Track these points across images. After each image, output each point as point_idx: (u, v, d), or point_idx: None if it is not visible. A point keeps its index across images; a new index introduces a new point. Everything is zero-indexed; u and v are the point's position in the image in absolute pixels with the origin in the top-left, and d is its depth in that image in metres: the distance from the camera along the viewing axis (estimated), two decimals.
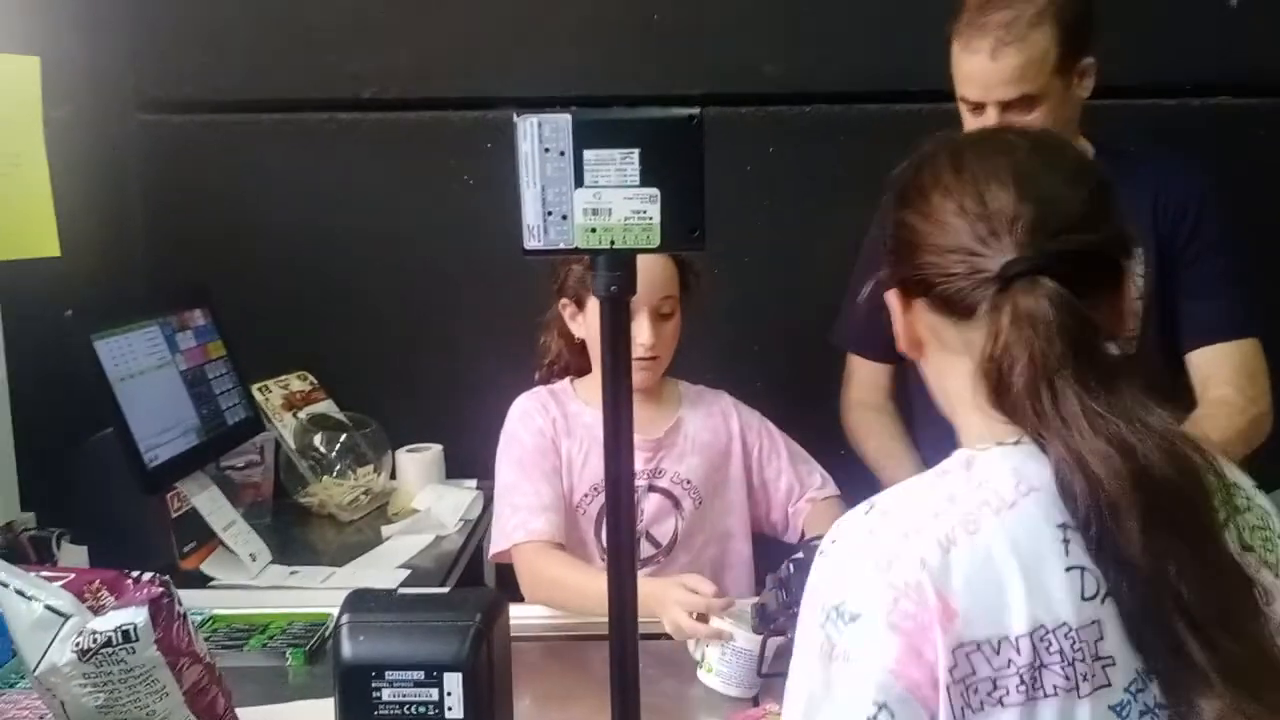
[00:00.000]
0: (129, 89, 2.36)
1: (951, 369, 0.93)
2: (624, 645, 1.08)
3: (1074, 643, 0.78)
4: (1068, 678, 0.78)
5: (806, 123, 2.30)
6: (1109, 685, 0.79)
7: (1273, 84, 2.20)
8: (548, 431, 1.85)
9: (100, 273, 2.10)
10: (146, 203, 2.38)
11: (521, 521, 1.75)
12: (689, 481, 1.86)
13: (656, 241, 1.02)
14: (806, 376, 2.15)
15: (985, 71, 1.62)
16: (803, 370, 2.19)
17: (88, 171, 2.14)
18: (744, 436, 1.92)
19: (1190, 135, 2.16)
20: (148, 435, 1.79)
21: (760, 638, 1.34)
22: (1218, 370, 1.67)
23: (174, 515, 1.87)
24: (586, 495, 1.84)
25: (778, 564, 1.35)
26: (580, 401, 1.88)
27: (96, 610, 1.17)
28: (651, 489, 1.85)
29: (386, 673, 1.08)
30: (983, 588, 0.79)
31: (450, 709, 1.07)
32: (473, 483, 2.34)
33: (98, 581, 1.20)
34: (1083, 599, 0.79)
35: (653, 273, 1.74)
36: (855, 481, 1.87)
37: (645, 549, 1.83)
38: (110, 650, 1.13)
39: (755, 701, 1.38)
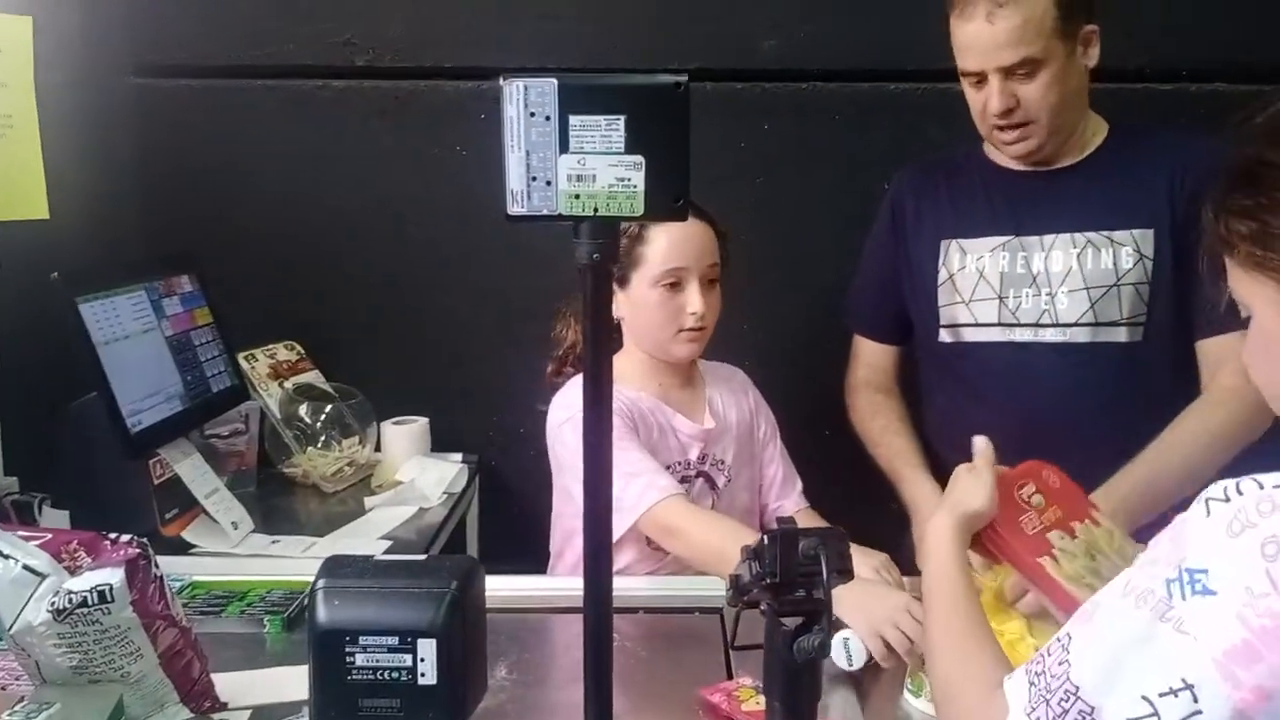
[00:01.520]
0: (122, 53, 2.35)
1: None
2: (599, 617, 1.08)
3: None
4: None
5: (802, 100, 2.28)
6: None
7: (1269, 70, 2.18)
8: (621, 411, 1.71)
9: (88, 237, 2.09)
10: (137, 167, 2.37)
11: (648, 483, 1.64)
12: (723, 462, 1.85)
13: (640, 210, 1.01)
14: (797, 354, 2.15)
15: (982, 36, 1.59)
16: (793, 347, 2.19)
17: (78, 135, 2.13)
18: (756, 417, 1.92)
19: (1186, 121, 2.15)
20: (131, 400, 1.78)
21: None
22: (1229, 359, 1.64)
23: (156, 482, 1.86)
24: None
25: None
26: (619, 385, 1.73)
27: (73, 571, 1.17)
28: (699, 474, 1.82)
29: (361, 637, 1.07)
30: None
31: (423, 675, 1.07)
32: (458, 456, 2.33)
33: (75, 542, 1.19)
34: None
35: (701, 239, 1.73)
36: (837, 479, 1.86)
37: None
38: (85, 610, 1.13)
39: (729, 674, 1.39)
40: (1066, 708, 0.79)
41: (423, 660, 1.07)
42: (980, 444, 1.29)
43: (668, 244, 1.72)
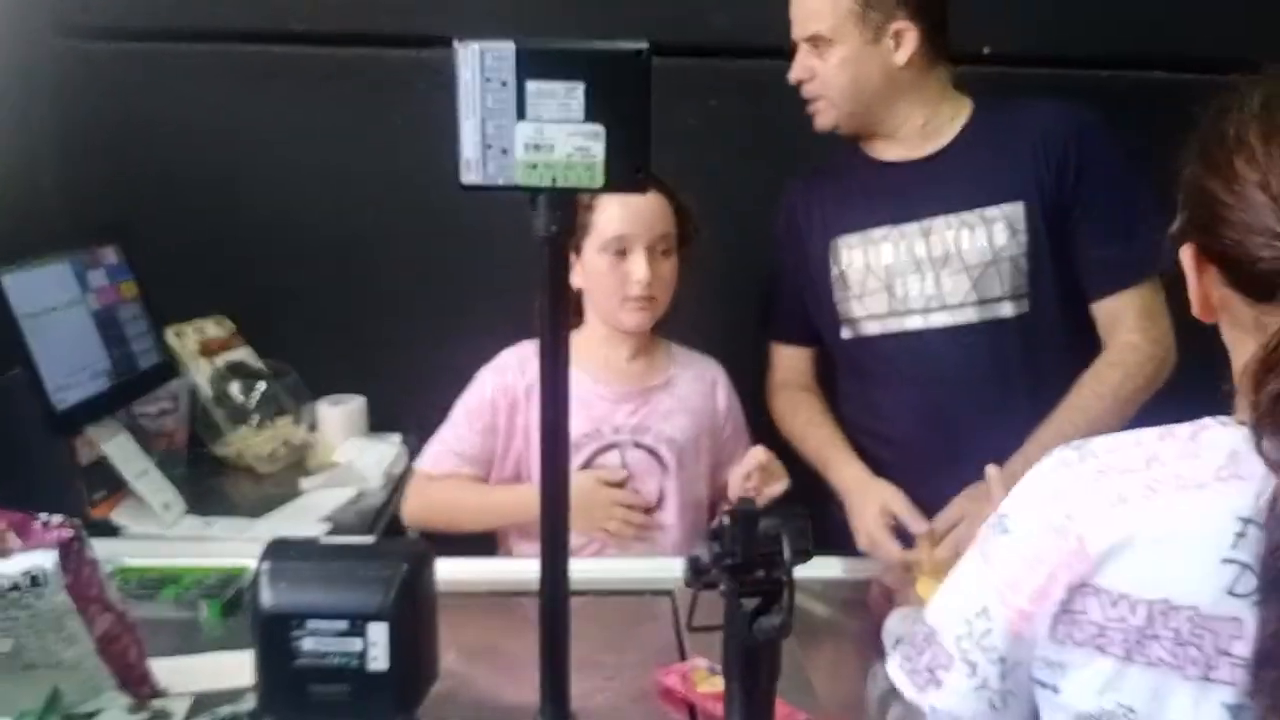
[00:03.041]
0: (45, 12, 2.24)
1: (1240, 344, 0.86)
2: (556, 597, 1.06)
3: (1195, 627, 0.79)
4: (1175, 656, 0.80)
5: (750, 76, 2.26)
6: (1231, 684, 0.79)
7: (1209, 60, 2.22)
8: (509, 394, 1.82)
9: (8, 205, 2.00)
10: (59, 133, 2.26)
11: (437, 454, 1.84)
12: (673, 440, 1.83)
13: (600, 181, 0.99)
14: (745, 334, 2.14)
15: (794, 9, 1.75)
16: (741, 328, 2.17)
17: None
18: (725, 412, 1.91)
19: (1123, 108, 2.17)
20: (56, 376, 1.71)
21: None
22: (1124, 316, 1.70)
23: (83, 462, 1.80)
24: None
25: None
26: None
27: (3, 553, 1.12)
28: (636, 445, 1.81)
29: (308, 622, 1.03)
30: (1127, 547, 0.81)
31: (374, 659, 1.04)
32: (397, 437, 2.28)
33: (4, 523, 1.15)
34: (1230, 594, 0.78)
35: (653, 209, 1.73)
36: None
37: None
38: (17, 594, 1.09)
39: (683, 655, 1.37)
40: (919, 637, 0.96)
41: (373, 645, 1.03)
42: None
43: (616, 211, 1.72)
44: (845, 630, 1.55)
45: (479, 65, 0.96)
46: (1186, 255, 0.89)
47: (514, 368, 1.84)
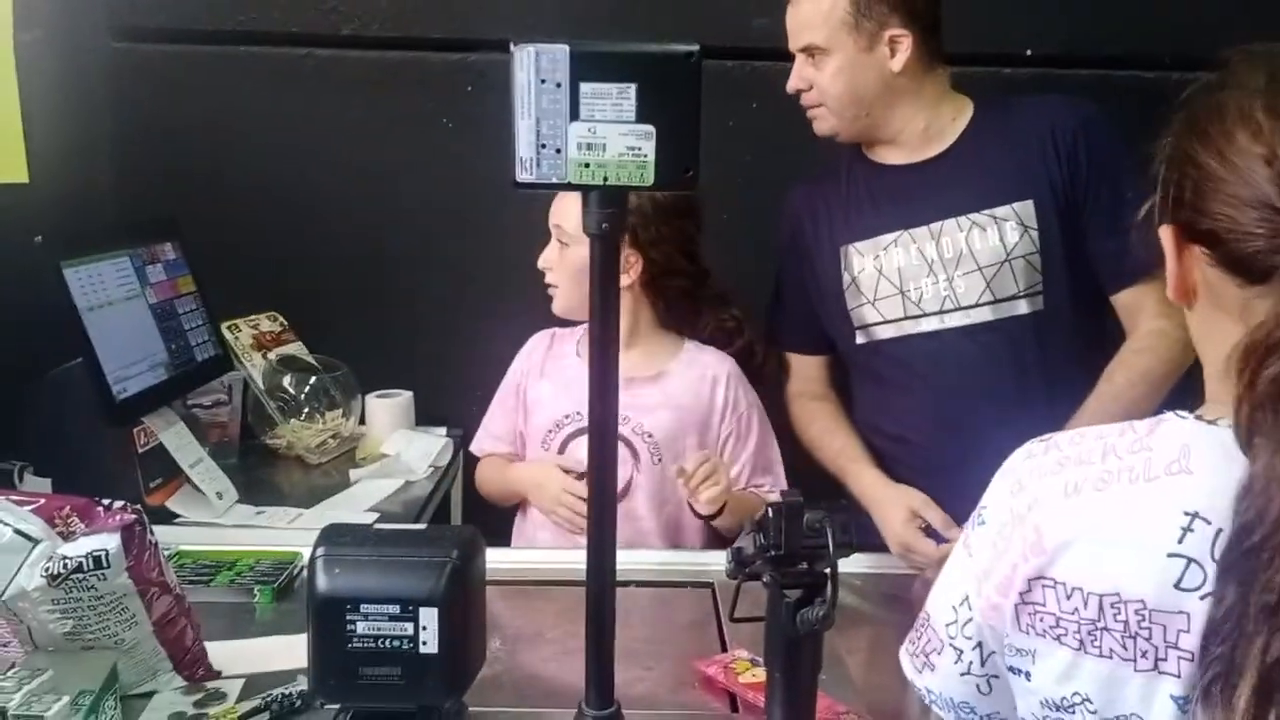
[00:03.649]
0: (102, 15, 2.30)
1: (1219, 330, 0.83)
2: (601, 588, 1.08)
3: (1143, 620, 0.80)
4: (1125, 648, 0.81)
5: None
6: (1177, 676, 0.79)
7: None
8: (523, 371, 1.97)
9: (68, 201, 2.05)
10: (117, 132, 2.33)
11: (478, 438, 2.03)
12: (650, 435, 1.85)
13: (651, 179, 1.01)
14: None
15: (790, 20, 1.76)
16: None
17: (57, 97, 2.09)
18: (723, 413, 1.89)
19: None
20: (116, 367, 1.76)
21: None
22: (1145, 304, 1.69)
23: (140, 451, 1.84)
24: (550, 431, 1.89)
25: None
26: (573, 342, 1.95)
27: (66, 536, 1.16)
28: None
29: (362, 606, 1.06)
30: (1078, 540, 0.83)
31: (425, 644, 1.06)
32: (442, 430, 2.32)
33: (68, 508, 1.18)
34: (1176, 587, 0.78)
35: (568, 199, 1.75)
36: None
37: None
38: (81, 576, 1.12)
39: (724, 646, 1.39)
40: (920, 622, 0.99)
41: (425, 629, 1.06)
42: None
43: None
44: (887, 624, 1.55)
45: (534, 67, 0.98)
46: (1167, 235, 0.86)
47: (529, 352, 1.98)
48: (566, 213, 1.79)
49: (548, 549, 1.84)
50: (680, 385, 1.87)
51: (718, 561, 1.09)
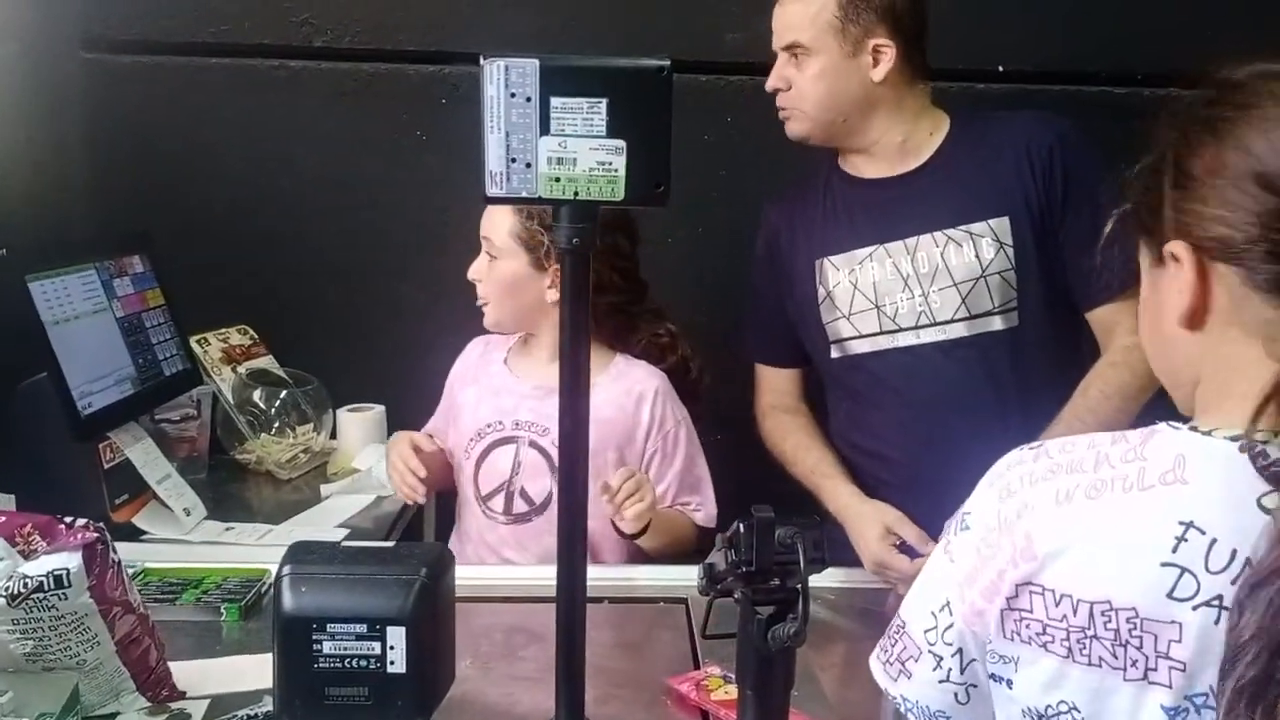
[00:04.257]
0: (74, 26, 2.28)
1: (1232, 348, 0.81)
2: (571, 606, 1.07)
3: (1134, 629, 0.79)
4: (1115, 656, 0.81)
5: (765, 94, 2.28)
6: (1168, 686, 0.79)
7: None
8: (457, 374, 1.99)
9: (37, 214, 2.04)
10: (87, 144, 2.31)
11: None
12: None
13: (621, 194, 1.01)
14: None
15: (775, 18, 1.76)
16: None
17: (28, 109, 2.08)
18: (648, 429, 1.85)
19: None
20: (82, 382, 1.74)
21: None
22: (1121, 321, 1.69)
23: (106, 466, 1.82)
24: (472, 439, 1.88)
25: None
26: (504, 350, 1.94)
27: (27, 554, 1.14)
28: (532, 444, 1.83)
29: (328, 625, 1.05)
30: (1070, 547, 0.82)
31: (393, 663, 1.06)
32: None
33: (29, 525, 1.16)
34: (1169, 597, 0.78)
35: (498, 212, 1.77)
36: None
37: (519, 505, 1.83)
38: (41, 596, 1.10)
39: (696, 663, 1.38)
40: (893, 629, 0.97)
41: (392, 648, 1.05)
42: None
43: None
44: (860, 639, 1.54)
45: (504, 80, 0.98)
46: (1185, 253, 0.82)
47: (464, 356, 1.99)
48: (495, 225, 1.77)
49: (522, 566, 1.82)
50: (603, 398, 1.79)
51: (691, 577, 1.08)
